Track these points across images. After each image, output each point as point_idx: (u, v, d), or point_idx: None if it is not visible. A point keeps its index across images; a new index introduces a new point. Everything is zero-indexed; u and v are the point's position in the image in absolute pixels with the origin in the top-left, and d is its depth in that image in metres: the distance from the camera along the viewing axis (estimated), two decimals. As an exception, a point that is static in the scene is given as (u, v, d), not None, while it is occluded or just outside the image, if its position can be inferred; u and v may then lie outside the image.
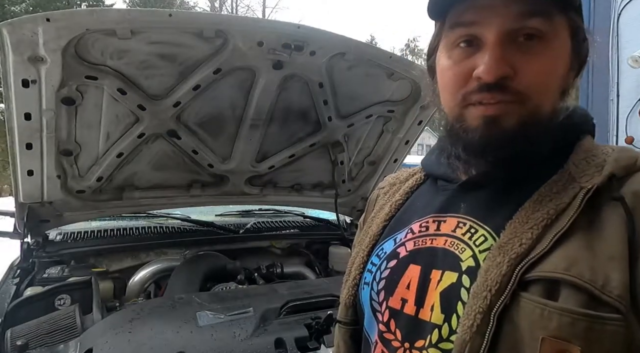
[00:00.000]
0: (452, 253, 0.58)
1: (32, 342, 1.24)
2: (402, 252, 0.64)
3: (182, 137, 1.74)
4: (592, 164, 0.55)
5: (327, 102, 1.84)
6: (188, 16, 1.47)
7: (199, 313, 1.29)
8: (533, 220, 0.53)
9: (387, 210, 0.74)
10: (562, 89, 0.57)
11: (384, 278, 0.64)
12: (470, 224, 0.59)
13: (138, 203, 1.94)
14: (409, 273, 0.61)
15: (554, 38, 0.54)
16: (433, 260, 0.60)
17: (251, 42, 1.47)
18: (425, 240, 0.62)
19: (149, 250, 1.98)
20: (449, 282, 0.56)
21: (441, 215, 0.63)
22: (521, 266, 0.50)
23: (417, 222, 0.65)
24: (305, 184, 2.23)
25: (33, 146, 1.48)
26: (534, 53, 0.53)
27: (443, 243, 0.60)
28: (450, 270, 0.57)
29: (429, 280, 0.58)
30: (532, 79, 0.54)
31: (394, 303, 0.61)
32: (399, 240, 0.66)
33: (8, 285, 1.64)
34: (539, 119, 0.55)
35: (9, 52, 1.25)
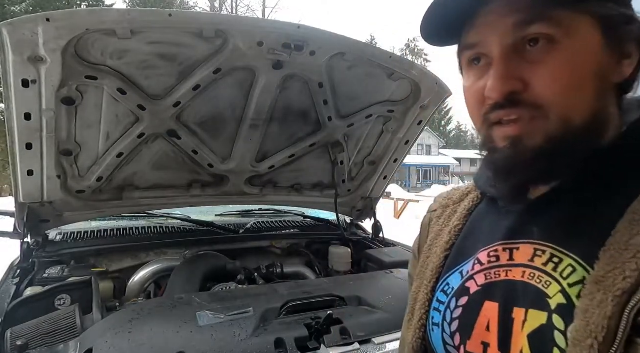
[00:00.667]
0: (534, 288, 0.50)
1: (32, 342, 1.24)
2: (473, 287, 0.56)
3: (182, 137, 1.74)
4: None
5: (327, 102, 1.84)
6: (188, 16, 1.47)
7: (199, 313, 1.29)
8: (634, 246, 0.44)
9: (446, 237, 0.66)
10: (599, 88, 0.49)
11: (456, 319, 0.57)
12: (551, 252, 0.50)
13: (138, 203, 1.94)
14: (486, 312, 0.53)
15: (566, 37, 0.48)
16: (512, 295, 0.51)
17: (251, 42, 1.47)
18: (498, 272, 0.54)
19: (149, 250, 1.98)
20: (538, 323, 0.48)
21: (512, 242, 0.55)
22: (632, 306, 0.41)
23: (484, 250, 0.57)
24: (305, 184, 2.23)
25: (33, 146, 1.48)
26: (543, 60, 0.48)
27: (521, 276, 0.52)
28: (537, 308, 0.48)
29: (512, 319, 0.50)
30: (546, 87, 0.48)
31: (474, 348, 0.53)
32: (466, 272, 0.58)
33: (8, 285, 1.63)
34: (571, 128, 0.48)
35: (9, 52, 1.25)
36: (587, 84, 0.49)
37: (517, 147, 0.50)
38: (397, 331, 1.29)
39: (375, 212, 2.46)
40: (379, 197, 2.44)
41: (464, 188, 0.72)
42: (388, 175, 2.31)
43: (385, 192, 2.47)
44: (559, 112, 0.48)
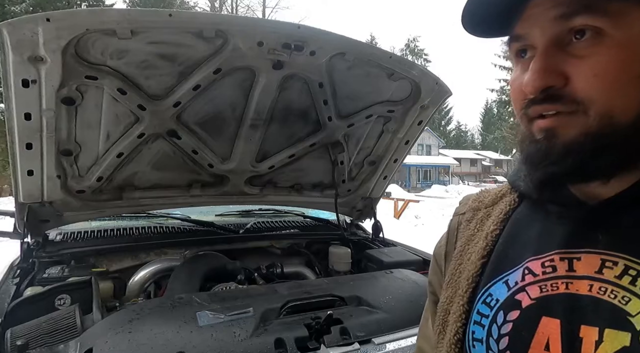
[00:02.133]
0: (608, 304, 0.44)
1: (32, 342, 1.24)
2: (525, 300, 0.50)
3: (182, 137, 1.74)
4: None
5: (327, 102, 1.84)
6: (188, 16, 1.47)
7: (199, 313, 1.29)
8: None
9: (482, 243, 0.59)
10: None
11: (505, 335, 0.50)
12: (625, 263, 0.45)
13: (138, 203, 1.94)
14: (544, 329, 0.47)
15: (616, 30, 0.44)
16: (578, 312, 0.46)
17: (251, 42, 1.46)
18: (556, 284, 0.49)
19: (149, 250, 1.98)
20: (618, 345, 0.42)
21: (571, 251, 0.49)
22: None
23: (535, 259, 0.52)
24: (305, 184, 2.23)
25: (33, 146, 1.48)
26: (587, 54, 0.45)
27: (588, 290, 0.46)
28: (615, 327, 0.43)
29: (579, 339, 0.45)
30: (588, 83, 0.45)
31: None
32: (514, 283, 0.52)
33: (8, 285, 1.63)
34: (612, 127, 0.44)
35: (9, 52, 1.25)
36: (636, 81, 0.44)
37: (551, 139, 0.47)
38: (397, 331, 1.29)
39: (375, 212, 2.46)
40: (379, 197, 2.44)
41: (496, 190, 0.66)
42: (388, 175, 2.31)
43: (385, 192, 2.47)
44: (600, 109, 0.45)
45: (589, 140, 0.45)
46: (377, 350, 1.23)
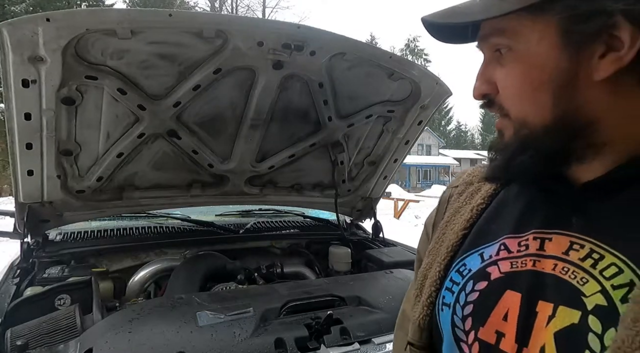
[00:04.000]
0: (568, 284, 0.47)
1: (32, 342, 1.24)
2: (495, 273, 0.54)
3: (182, 137, 1.74)
4: None
5: (327, 102, 1.84)
6: (188, 16, 1.47)
7: (199, 313, 1.29)
8: None
9: (467, 215, 0.62)
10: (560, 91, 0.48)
11: (471, 303, 0.54)
12: (591, 247, 0.47)
13: (138, 203, 1.94)
14: (506, 301, 0.51)
15: (522, 45, 0.49)
16: (539, 288, 0.49)
17: (251, 42, 1.46)
18: (525, 261, 0.52)
19: (149, 250, 1.98)
20: (568, 321, 0.45)
21: (545, 232, 0.52)
22: None
23: (514, 238, 0.55)
24: (305, 184, 2.23)
25: (33, 146, 1.48)
26: (505, 66, 0.52)
27: (552, 269, 0.49)
28: (568, 305, 0.46)
29: (535, 313, 0.48)
30: (504, 93, 0.52)
31: (487, 336, 0.51)
32: (488, 256, 0.56)
33: (8, 285, 1.63)
34: (531, 129, 0.50)
35: (9, 52, 1.25)
36: (541, 88, 0.49)
37: (501, 138, 0.54)
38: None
39: (375, 212, 2.46)
40: (379, 197, 2.44)
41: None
42: (388, 175, 2.31)
43: (385, 192, 2.47)
44: (516, 115, 0.51)
45: (515, 140, 0.52)
46: (377, 350, 1.23)
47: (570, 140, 0.49)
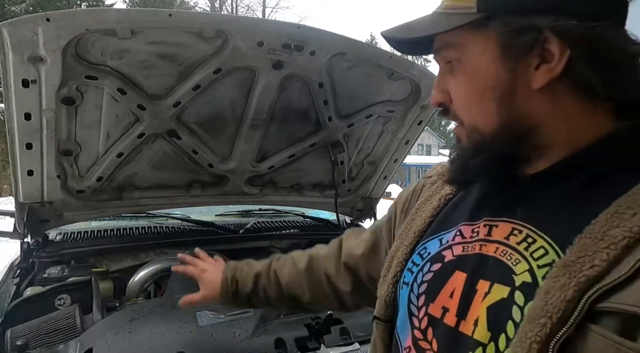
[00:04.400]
0: (504, 264, 0.53)
1: (32, 342, 1.24)
2: (448, 256, 0.60)
3: (182, 137, 1.74)
4: None
5: (327, 102, 1.84)
6: (188, 16, 1.47)
7: (199, 313, 1.29)
8: (610, 237, 0.45)
9: (435, 203, 0.68)
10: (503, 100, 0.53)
11: (426, 282, 0.61)
12: (527, 232, 0.53)
13: (138, 203, 1.94)
14: (454, 281, 0.57)
15: (467, 57, 0.55)
16: (481, 268, 0.55)
17: (251, 42, 1.46)
18: (474, 245, 0.58)
19: (149, 250, 1.98)
20: (499, 296, 0.51)
21: (494, 219, 0.58)
22: (592, 293, 0.44)
23: (468, 225, 0.61)
24: (305, 184, 2.23)
25: (33, 146, 1.48)
26: (455, 77, 0.57)
27: (494, 251, 0.55)
28: (501, 283, 0.52)
29: (475, 290, 0.54)
30: (457, 101, 0.58)
31: (435, 311, 0.57)
32: (446, 241, 0.62)
33: (8, 285, 1.64)
34: (481, 135, 0.56)
35: (9, 52, 1.25)
36: (485, 96, 0.54)
37: (459, 143, 0.60)
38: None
39: (375, 212, 2.46)
40: (379, 197, 2.44)
41: None
42: (388, 175, 2.31)
43: (385, 192, 2.47)
44: (467, 122, 0.57)
45: (469, 145, 0.58)
46: (377, 350, 1.23)
47: (517, 144, 0.54)
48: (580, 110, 0.52)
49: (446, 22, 0.54)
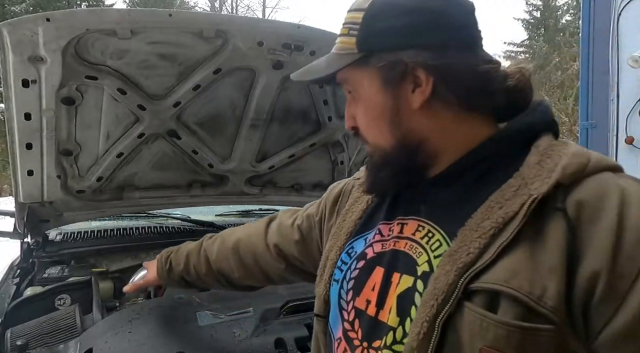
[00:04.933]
0: (410, 257, 0.61)
1: (32, 342, 1.24)
2: (370, 253, 0.68)
3: (182, 137, 1.74)
4: (545, 168, 0.55)
5: (327, 102, 1.84)
6: (188, 16, 1.47)
7: (199, 313, 1.29)
8: (482, 228, 0.54)
9: (363, 205, 0.77)
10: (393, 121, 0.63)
11: (353, 279, 0.68)
12: (429, 228, 0.62)
13: (138, 203, 1.94)
14: (375, 276, 0.65)
15: (358, 89, 0.66)
16: (395, 263, 0.63)
17: (251, 42, 1.46)
18: (390, 243, 0.66)
19: (149, 250, 1.98)
20: (406, 286, 0.60)
21: (405, 218, 0.67)
22: (466, 276, 0.53)
23: (386, 224, 0.69)
24: (305, 184, 2.23)
25: (33, 146, 1.48)
26: (356, 105, 0.68)
27: (404, 246, 0.63)
28: (408, 274, 0.61)
29: (390, 282, 0.62)
30: (360, 125, 0.68)
31: (360, 304, 0.65)
32: (369, 240, 0.70)
33: (8, 285, 1.64)
34: (382, 152, 0.66)
35: (9, 52, 1.25)
36: (379, 120, 0.65)
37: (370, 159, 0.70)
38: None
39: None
40: (379, 197, 2.44)
41: None
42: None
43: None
44: (371, 142, 0.68)
45: (375, 161, 0.68)
46: (377, 350, 1.23)
47: (412, 155, 0.64)
48: (458, 121, 0.62)
49: (336, 63, 0.66)
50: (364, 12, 0.62)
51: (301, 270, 0.96)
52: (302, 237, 0.93)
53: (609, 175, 0.54)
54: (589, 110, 3.20)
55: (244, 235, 1.07)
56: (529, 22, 20.27)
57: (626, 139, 2.90)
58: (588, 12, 3.22)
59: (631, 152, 2.92)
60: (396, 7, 0.61)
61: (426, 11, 0.61)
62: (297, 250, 0.95)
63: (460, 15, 0.62)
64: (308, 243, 0.93)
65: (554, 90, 12.61)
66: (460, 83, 0.60)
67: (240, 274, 1.07)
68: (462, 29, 0.62)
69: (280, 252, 0.97)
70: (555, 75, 14.29)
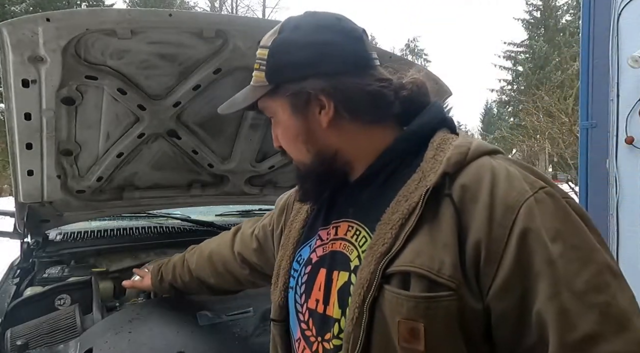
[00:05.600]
0: (345, 255, 0.69)
1: (32, 342, 1.24)
2: (314, 258, 0.76)
3: (182, 137, 1.74)
4: (438, 161, 0.64)
5: (327, 102, 1.84)
6: (188, 16, 1.47)
7: (199, 313, 1.29)
8: (393, 220, 0.63)
9: (304, 215, 0.85)
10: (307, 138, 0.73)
11: (303, 283, 0.76)
12: (356, 227, 0.70)
13: (138, 203, 1.94)
14: (320, 277, 0.72)
15: (274, 115, 0.77)
16: (334, 262, 0.71)
17: (251, 42, 1.46)
18: (328, 245, 0.74)
19: (149, 250, 1.98)
20: (343, 280, 0.68)
21: (338, 221, 0.75)
22: (382, 262, 0.61)
23: (324, 229, 0.77)
24: (305, 184, 2.23)
25: (33, 146, 1.48)
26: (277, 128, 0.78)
27: (339, 246, 0.71)
28: (344, 270, 0.68)
29: (332, 280, 0.70)
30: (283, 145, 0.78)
31: (311, 304, 0.72)
32: (312, 246, 0.78)
33: (8, 285, 1.64)
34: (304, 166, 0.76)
35: (9, 52, 1.25)
36: (296, 140, 0.75)
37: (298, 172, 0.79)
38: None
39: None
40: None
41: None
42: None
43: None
44: (294, 158, 0.78)
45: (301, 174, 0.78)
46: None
47: (329, 165, 0.73)
48: (364, 132, 0.73)
49: (252, 94, 0.77)
50: (268, 49, 0.75)
51: (263, 274, 1.07)
52: (259, 246, 1.05)
53: (486, 159, 0.64)
54: (589, 110, 3.20)
55: (216, 246, 1.22)
56: (529, 22, 20.27)
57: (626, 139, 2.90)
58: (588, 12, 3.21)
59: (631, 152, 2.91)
60: (292, 44, 0.72)
61: (317, 45, 0.70)
62: (256, 257, 1.07)
63: (348, 44, 0.71)
64: (265, 251, 1.04)
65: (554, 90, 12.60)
66: (354, 102, 0.70)
67: (215, 280, 1.21)
68: (351, 55, 0.71)
69: (244, 259, 1.10)
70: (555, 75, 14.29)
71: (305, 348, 0.73)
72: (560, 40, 16.85)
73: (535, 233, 0.56)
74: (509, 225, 0.57)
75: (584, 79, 3.29)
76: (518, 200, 0.58)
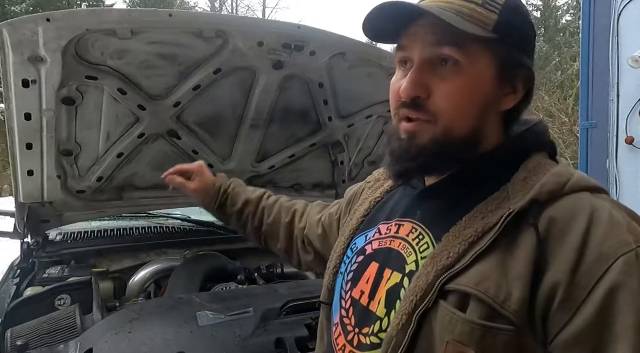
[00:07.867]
0: (401, 256, 0.66)
1: (32, 342, 1.24)
2: (369, 250, 0.73)
3: (182, 137, 1.74)
4: (528, 185, 0.59)
5: (327, 102, 1.84)
6: (188, 16, 1.47)
7: (199, 313, 1.29)
8: (463, 235, 0.59)
9: (367, 205, 0.81)
10: (482, 112, 0.62)
11: (352, 271, 0.74)
12: (420, 231, 0.66)
13: (138, 203, 1.94)
14: (370, 270, 0.70)
15: (469, 65, 0.60)
16: (388, 260, 0.68)
17: (251, 42, 1.47)
18: (386, 241, 0.71)
19: (149, 250, 1.98)
20: (394, 281, 0.65)
21: (402, 220, 0.71)
22: (443, 277, 0.57)
23: (385, 223, 0.74)
24: (305, 184, 2.23)
25: (33, 146, 1.48)
26: (446, 78, 0.60)
27: (397, 246, 0.68)
28: (397, 271, 0.66)
29: (382, 277, 0.67)
30: (442, 101, 0.61)
31: (355, 294, 0.71)
32: (369, 237, 0.75)
33: (8, 285, 1.64)
34: (451, 138, 0.61)
35: (9, 52, 1.25)
36: (473, 106, 0.62)
37: (411, 141, 0.63)
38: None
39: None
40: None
41: None
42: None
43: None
44: (446, 123, 0.61)
45: (435, 146, 0.62)
46: (377, 350, 1.23)
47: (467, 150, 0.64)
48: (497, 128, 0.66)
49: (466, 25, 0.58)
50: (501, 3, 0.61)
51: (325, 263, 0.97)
52: (324, 232, 1.01)
53: (586, 195, 0.57)
54: (589, 110, 3.20)
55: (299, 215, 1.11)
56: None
57: (626, 139, 2.90)
58: (588, 12, 3.22)
59: (631, 152, 2.92)
60: (526, 14, 0.64)
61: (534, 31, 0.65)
62: (319, 242, 1.02)
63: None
64: (329, 239, 0.98)
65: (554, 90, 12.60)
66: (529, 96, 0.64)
67: (282, 247, 1.13)
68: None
69: (310, 242, 1.06)
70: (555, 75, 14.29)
71: (341, 335, 0.71)
72: (560, 40, 16.85)
73: (627, 293, 0.50)
74: (598, 274, 0.51)
75: (584, 79, 3.29)
76: (616, 251, 0.51)
